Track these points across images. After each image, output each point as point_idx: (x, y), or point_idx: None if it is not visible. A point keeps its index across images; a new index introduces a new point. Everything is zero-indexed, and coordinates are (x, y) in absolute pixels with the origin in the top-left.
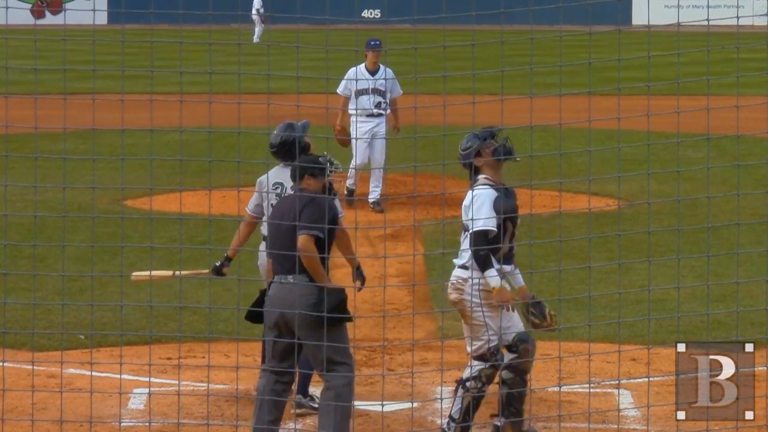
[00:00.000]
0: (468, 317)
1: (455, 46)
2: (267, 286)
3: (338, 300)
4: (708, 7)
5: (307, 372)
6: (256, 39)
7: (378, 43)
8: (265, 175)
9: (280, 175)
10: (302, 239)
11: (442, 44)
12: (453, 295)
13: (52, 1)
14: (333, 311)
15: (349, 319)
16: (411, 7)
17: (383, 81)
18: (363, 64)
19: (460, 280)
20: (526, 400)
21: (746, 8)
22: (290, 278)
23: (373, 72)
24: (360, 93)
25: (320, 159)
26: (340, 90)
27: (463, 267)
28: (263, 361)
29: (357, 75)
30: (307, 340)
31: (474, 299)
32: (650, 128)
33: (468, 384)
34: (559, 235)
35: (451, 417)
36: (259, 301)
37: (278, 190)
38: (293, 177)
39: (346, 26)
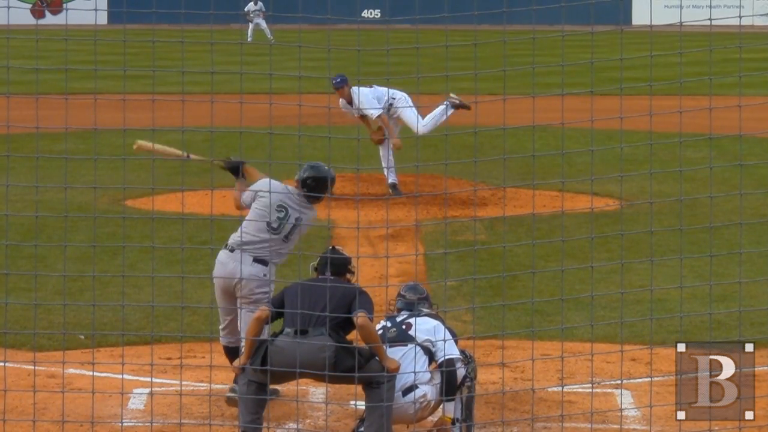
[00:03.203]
0: None
1: (457, 46)
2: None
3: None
4: (709, 7)
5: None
6: (250, 38)
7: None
8: (268, 179)
9: (284, 198)
10: (364, 318)
11: (444, 44)
12: None
13: (52, 1)
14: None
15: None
16: (412, 7)
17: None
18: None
19: None
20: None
21: (746, 8)
22: (311, 331)
23: None
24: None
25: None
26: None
27: None
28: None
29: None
30: (342, 381)
31: None
32: (652, 128)
33: (466, 383)
34: (561, 235)
35: (454, 418)
36: (263, 352)
37: (282, 214)
38: (335, 271)
39: (347, 26)
